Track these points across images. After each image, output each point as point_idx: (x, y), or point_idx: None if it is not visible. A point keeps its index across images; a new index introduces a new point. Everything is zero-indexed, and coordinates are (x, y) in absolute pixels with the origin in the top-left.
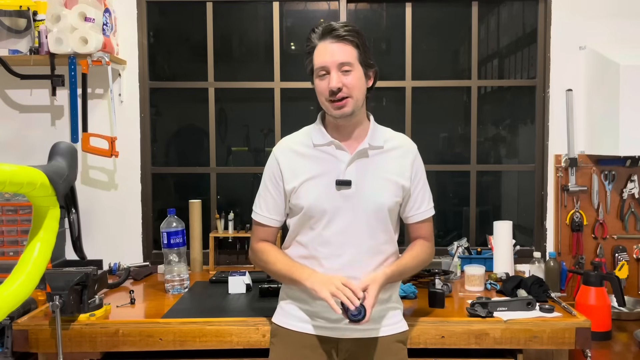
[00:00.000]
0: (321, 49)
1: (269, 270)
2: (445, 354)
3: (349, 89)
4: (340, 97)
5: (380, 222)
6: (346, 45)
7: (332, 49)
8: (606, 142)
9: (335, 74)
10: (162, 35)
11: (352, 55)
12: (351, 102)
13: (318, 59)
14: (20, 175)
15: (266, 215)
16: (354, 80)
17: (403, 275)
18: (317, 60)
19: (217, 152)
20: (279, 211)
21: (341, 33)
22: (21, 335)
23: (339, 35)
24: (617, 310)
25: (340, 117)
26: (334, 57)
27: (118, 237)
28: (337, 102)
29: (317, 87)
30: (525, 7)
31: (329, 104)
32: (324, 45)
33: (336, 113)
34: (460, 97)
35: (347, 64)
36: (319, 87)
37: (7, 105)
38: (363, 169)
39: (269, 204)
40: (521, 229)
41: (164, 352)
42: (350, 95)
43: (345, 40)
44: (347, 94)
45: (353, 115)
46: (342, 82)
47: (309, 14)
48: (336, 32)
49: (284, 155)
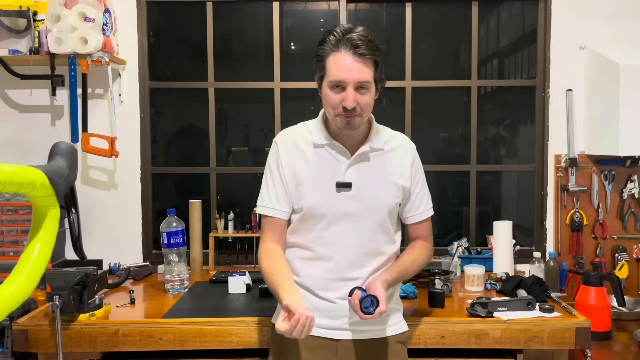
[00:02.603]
0: (340, 62)
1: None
2: (445, 354)
3: (362, 108)
4: (351, 115)
5: (380, 223)
6: (366, 64)
7: (352, 66)
8: (606, 142)
9: (352, 92)
10: (162, 35)
11: (370, 75)
12: (359, 119)
13: (335, 72)
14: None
15: (276, 207)
16: (368, 100)
17: (402, 279)
18: (332, 72)
19: (217, 152)
20: (288, 201)
21: (364, 52)
22: (21, 335)
23: (362, 54)
24: (617, 310)
25: (344, 130)
26: (353, 76)
27: (118, 237)
28: (347, 118)
29: (327, 97)
30: (525, 7)
31: (337, 116)
32: (343, 57)
33: (343, 126)
34: (460, 97)
35: (365, 84)
36: (331, 99)
37: (7, 105)
38: (363, 171)
39: (278, 193)
40: (521, 229)
41: (164, 352)
42: (361, 114)
43: (366, 59)
44: (359, 113)
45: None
46: (357, 102)
47: (309, 14)
48: (359, 50)
49: (285, 148)
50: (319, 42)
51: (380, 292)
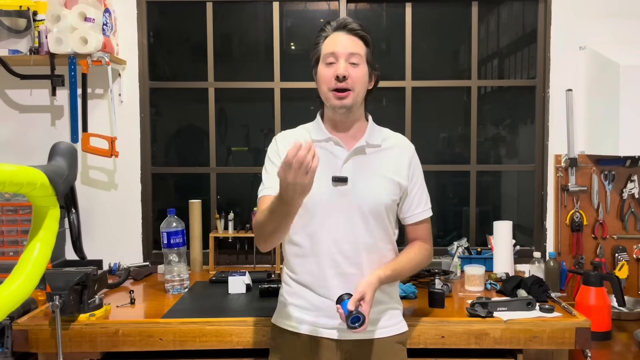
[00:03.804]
0: (333, 38)
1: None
2: (445, 354)
3: (354, 81)
4: (343, 88)
5: (376, 219)
6: (358, 40)
7: (344, 40)
8: (606, 142)
9: (344, 62)
10: (162, 35)
11: (362, 50)
12: (352, 95)
13: (328, 46)
14: (20, 175)
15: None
16: (359, 74)
17: (398, 277)
18: (326, 47)
19: (217, 152)
20: None
21: (355, 27)
22: (21, 335)
23: (352, 29)
24: (617, 310)
25: (339, 109)
26: (345, 47)
27: (118, 237)
28: (339, 93)
29: (320, 75)
30: (525, 7)
31: (330, 93)
32: (337, 35)
33: (336, 103)
34: (460, 97)
35: (357, 55)
36: (324, 74)
37: (7, 105)
38: (360, 166)
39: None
40: (521, 229)
41: (164, 352)
42: (353, 88)
43: (357, 35)
44: (351, 86)
45: (351, 111)
46: (349, 73)
47: (309, 14)
48: (350, 25)
49: (284, 142)
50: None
51: (371, 291)
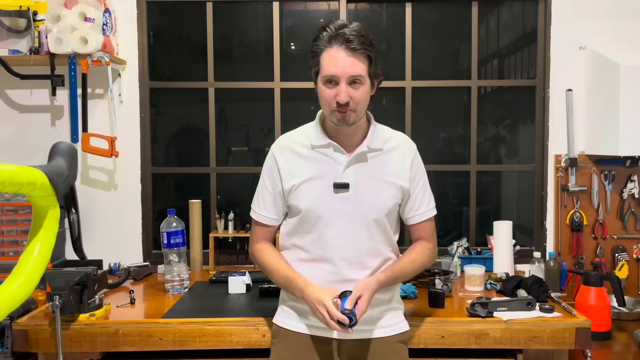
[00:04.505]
0: (332, 56)
1: (266, 273)
2: (445, 354)
3: (356, 102)
4: (345, 110)
5: (378, 224)
6: (359, 59)
7: (344, 60)
8: (606, 142)
9: (345, 87)
10: (162, 35)
11: (363, 69)
12: (354, 115)
13: (328, 67)
14: (20, 175)
15: (264, 214)
16: (362, 95)
17: (400, 279)
18: (326, 68)
19: (217, 152)
20: (277, 210)
21: (356, 47)
22: (21, 335)
23: (354, 48)
24: (617, 310)
25: (341, 126)
26: (345, 70)
27: (118, 237)
28: (341, 113)
29: (322, 94)
30: (525, 7)
31: (332, 112)
32: (336, 52)
33: (338, 122)
34: (460, 97)
35: (358, 78)
36: (325, 94)
37: (7, 105)
38: (361, 172)
39: (267, 203)
40: (521, 229)
41: (164, 352)
42: (355, 109)
43: (358, 54)
44: (353, 108)
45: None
46: (350, 96)
47: (309, 14)
48: (351, 44)
49: (282, 154)
50: (314, 38)
51: (368, 293)
